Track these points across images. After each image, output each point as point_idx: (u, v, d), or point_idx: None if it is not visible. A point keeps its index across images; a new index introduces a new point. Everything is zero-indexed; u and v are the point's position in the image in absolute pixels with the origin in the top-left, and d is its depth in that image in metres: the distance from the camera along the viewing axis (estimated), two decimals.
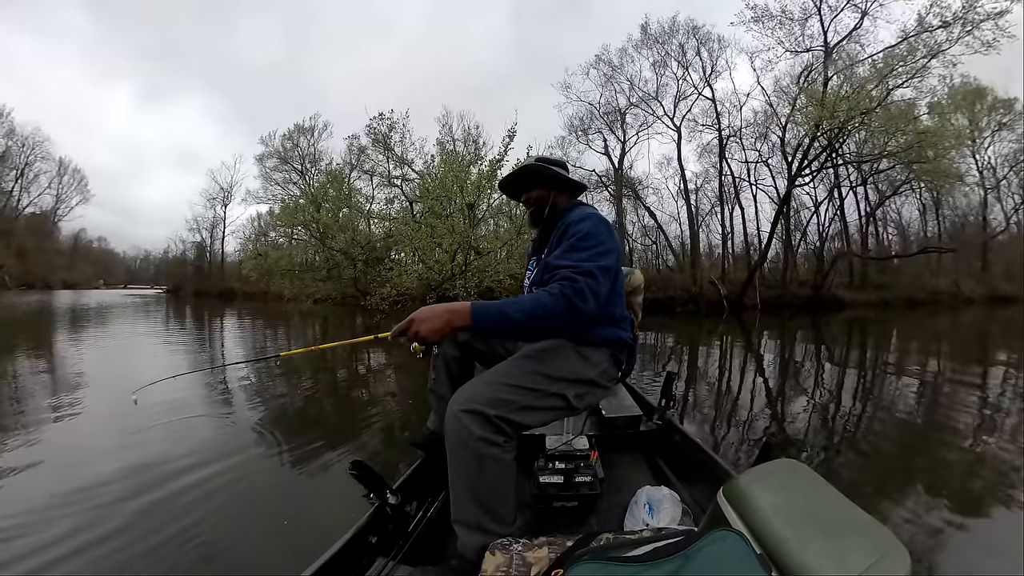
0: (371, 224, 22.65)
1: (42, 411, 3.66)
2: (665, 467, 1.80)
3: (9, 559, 1.74)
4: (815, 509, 0.78)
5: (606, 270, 1.22)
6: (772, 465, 0.98)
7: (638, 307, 1.78)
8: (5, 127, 40.33)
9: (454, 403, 1.14)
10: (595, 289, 1.17)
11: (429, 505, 1.53)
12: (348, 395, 4.45)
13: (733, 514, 0.83)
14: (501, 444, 1.12)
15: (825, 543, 0.69)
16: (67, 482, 2.37)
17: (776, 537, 0.73)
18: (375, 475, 1.28)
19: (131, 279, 72.65)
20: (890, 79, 17.47)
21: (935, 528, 1.90)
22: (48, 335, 9.07)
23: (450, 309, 1.09)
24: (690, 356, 7.36)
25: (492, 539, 1.07)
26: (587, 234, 1.26)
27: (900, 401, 4.21)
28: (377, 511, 1.27)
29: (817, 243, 27.87)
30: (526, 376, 1.22)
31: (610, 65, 27.23)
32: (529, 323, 1.12)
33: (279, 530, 1.92)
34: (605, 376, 1.36)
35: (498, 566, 0.97)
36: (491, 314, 1.10)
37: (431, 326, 1.08)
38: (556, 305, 1.13)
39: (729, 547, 0.73)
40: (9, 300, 21.84)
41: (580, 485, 1.43)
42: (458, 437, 1.10)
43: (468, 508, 1.12)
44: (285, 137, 33.27)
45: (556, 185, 1.50)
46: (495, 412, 1.11)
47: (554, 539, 1.05)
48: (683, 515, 1.32)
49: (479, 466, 1.10)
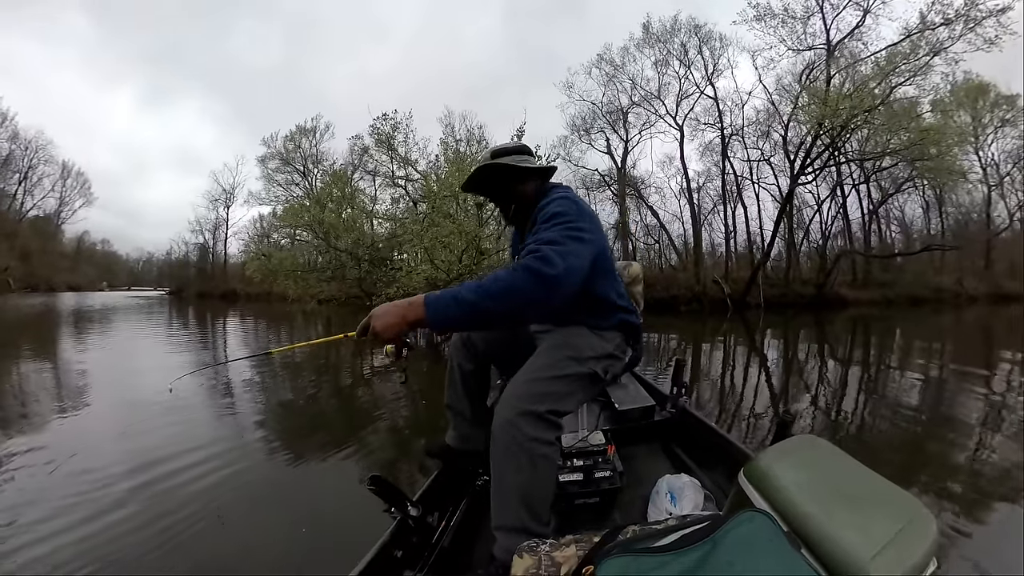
0: (374, 224, 22.69)
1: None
2: (683, 454, 1.79)
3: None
4: (838, 482, 0.78)
5: (575, 239, 1.13)
6: (791, 442, 0.98)
7: (639, 296, 1.79)
8: (9, 131, 40.55)
9: (503, 410, 1.14)
10: (562, 253, 1.07)
11: (451, 515, 1.51)
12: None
13: (756, 494, 0.83)
14: (553, 442, 1.14)
15: (850, 515, 0.70)
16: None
17: (801, 513, 0.73)
18: (394, 489, 1.28)
19: (134, 281, 72.64)
20: (892, 77, 17.43)
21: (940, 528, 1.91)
22: (66, 334, 9.15)
23: (405, 304, 1.04)
24: (696, 355, 7.35)
25: (532, 539, 1.06)
26: (554, 213, 1.20)
27: (904, 398, 4.21)
28: (399, 525, 1.26)
29: (820, 241, 27.81)
30: (558, 364, 1.23)
31: (612, 64, 27.20)
32: (489, 303, 1.01)
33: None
34: (620, 350, 1.39)
35: (527, 568, 0.96)
36: (444, 301, 1.01)
37: (385, 322, 1.03)
38: (516, 277, 1.02)
39: (756, 527, 0.73)
40: (15, 302, 21.94)
41: (600, 480, 1.42)
42: (512, 441, 1.10)
43: (514, 512, 1.11)
44: (287, 138, 33.31)
45: (516, 177, 1.40)
46: (544, 408, 1.12)
47: (580, 536, 1.02)
48: (705, 500, 1.32)
49: (532, 466, 1.10)
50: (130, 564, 1.82)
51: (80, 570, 1.78)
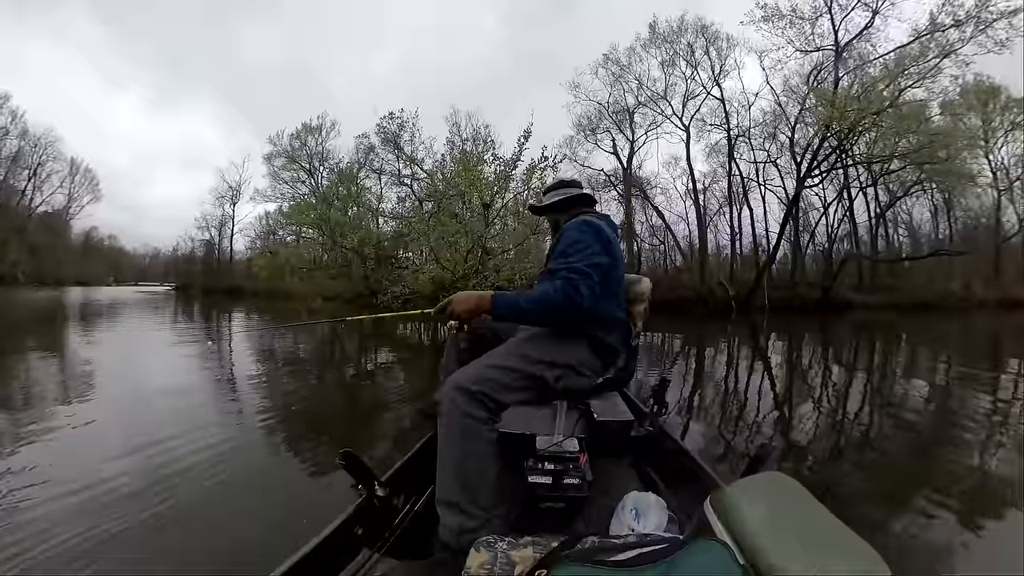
0: (379, 223, 22.79)
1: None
2: (653, 473, 1.80)
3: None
4: (800, 523, 0.78)
5: (597, 267, 1.39)
6: (760, 477, 0.98)
7: (638, 316, 1.78)
8: (19, 128, 41.01)
9: (446, 385, 1.29)
10: (591, 286, 1.34)
11: (416, 499, 1.54)
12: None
13: (718, 524, 0.82)
14: (484, 420, 1.25)
15: (808, 557, 0.69)
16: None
17: (760, 549, 0.72)
18: (363, 466, 1.30)
19: (141, 276, 73.31)
20: (901, 79, 17.29)
21: (930, 538, 1.89)
22: (84, 327, 9.24)
23: (478, 296, 1.38)
24: (696, 359, 7.33)
25: (469, 521, 1.18)
26: (574, 240, 1.44)
27: (906, 409, 4.16)
28: (364, 502, 1.28)
29: (826, 244, 27.69)
30: (509, 358, 1.37)
31: (618, 64, 27.24)
32: (536, 310, 1.35)
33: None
34: (586, 365, 1.48)
35: (482, 563, 0.98)
36: (506, 301, 1.36)
37: (464, 307, 1.38)
38: (557, 297, 1.32)
39: (713, 557, 0.73)
40: (27, 296, 22.18)
41: (568, 487, 1.43)
42: (447, 412, 1.24)
43: (451, 487, 1.21)
44: (293, 136, 33.53)
45: (558, 209, 1.77)
46: (477, 387, 1.25)
47: (539, 539, 1.05)
48: (669, 522, 1.31)
49: (462, 440, 1.22)
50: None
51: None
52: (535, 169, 15.88)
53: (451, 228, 15.01)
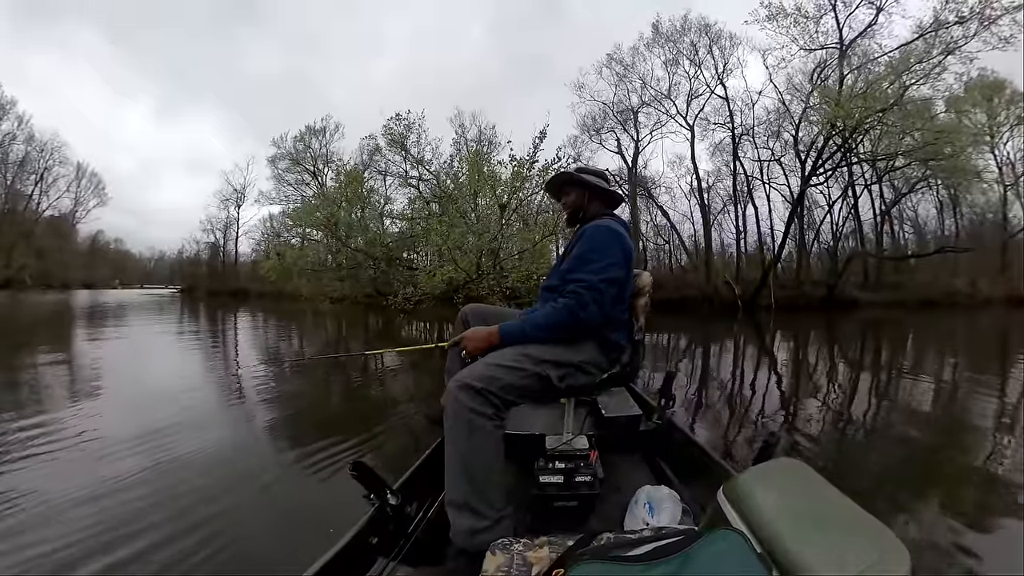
0: (385, 224, 22.79)
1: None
2: (665, 466, 1.80)
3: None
4: (815, 508, 0.79)
5: (611, 282, 1.43)
6: (772, 464, 0.99)
7: (640, 310, 1.76)
8: (25, 133, 41.20)
9: (451, 383, 1.29)
10: (599, 301, 1.40)
11: (429, 506, 1.53)
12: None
13: (733, 513, 0.84)
14: (489, 416, 1.25)
15: (825, 542, 0.70)
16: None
17: (776, 536, 0.73)
18: (375, 476, 1.29)
19: (146, 279, 73.69)
20: (906, 76, 17.18)
21: (938, 533, 1.90)
22: (98, 329, 9.31)
23: (488, 333, 1.46)
24: (702, 357, 7.33)
25: (480, 522, 1.17)
26: (595, 247, 1.46)
27: (912, 405, 4.16)
28: (377, 512, 1.28)
29: (831, 242, 27.52)
30: (514, 357, 1.37)
31: (622, 64, 27.16)
32: (543, 334, 1.41)
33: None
34: (591, 363, 1.50)
35: (499, 566, 0.97)
36: (514, 334, 1.43)
37: (475, 345, 1.47)
38: (563, 317, 1.40)
39: (729, 546, 0.74)
40: (35, 299, 22.35)
41: (580, 485, 1.42)
42: (452, 410, 1.25)
43: (458, 485, 1.21)
44: (297, 139, 33.59)
45: (590, 191, 1.71)
46: (482, 385, 1.26)
47: (555, 539, 1.04)
48: (683, 514, 1.32)
49: (469, 437, 1.22)
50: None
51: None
52: (548, 170, 15.85)
53: (458, 229, 15.01)
